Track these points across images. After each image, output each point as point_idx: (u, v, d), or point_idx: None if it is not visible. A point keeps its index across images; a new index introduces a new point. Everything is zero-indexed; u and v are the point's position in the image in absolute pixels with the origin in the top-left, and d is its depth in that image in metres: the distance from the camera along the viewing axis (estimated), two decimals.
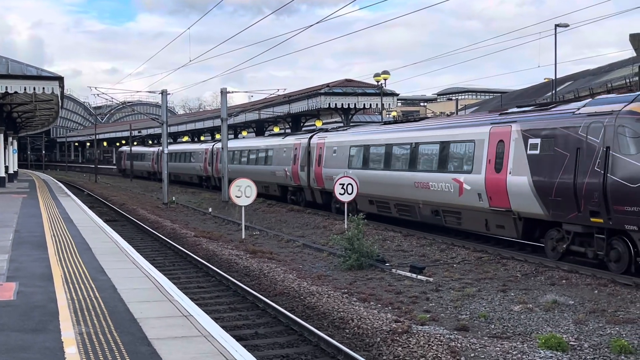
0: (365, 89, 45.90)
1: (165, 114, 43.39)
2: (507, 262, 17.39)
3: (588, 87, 42.75)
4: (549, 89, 46.15)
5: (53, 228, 20.09)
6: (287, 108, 49.80)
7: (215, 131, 66.20)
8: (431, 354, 9.83)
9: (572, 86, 46.86)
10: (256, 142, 44.78)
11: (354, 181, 24.21)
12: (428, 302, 13.54)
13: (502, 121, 18.83)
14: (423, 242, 21.36)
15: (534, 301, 13.11)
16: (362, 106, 46.31)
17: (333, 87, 45.61)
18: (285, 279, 15.89)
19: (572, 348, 10.07)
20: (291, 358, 10.33)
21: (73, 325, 8.49)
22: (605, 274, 15.08)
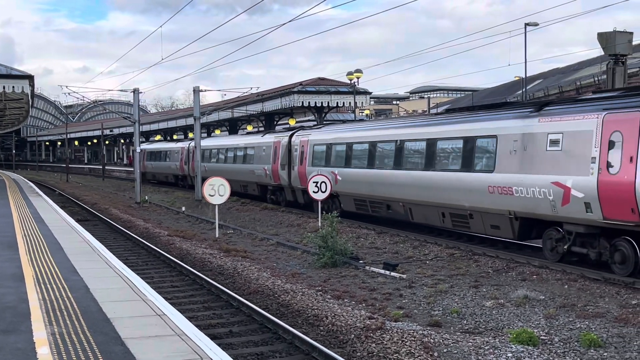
0: (338, 87, 45.95)
1: (138, 113, 43.09)
2: (479, 258, 17.53)
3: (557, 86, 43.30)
4: (519, 87, 46.59)
5: (24, 228, 19.83)
6: (260, 106, 49.65)
7: (188, 130, 65.82)
8: (405, 349, 9.88)
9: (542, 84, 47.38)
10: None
11: (328, 179, 24.17)
12: (401, 298, 13.62)
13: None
14: (396, 239, 21.46)
15: (505, 296, 13.23)
16: (335, 104, 46.35)
17: (306, 86, 45.60)
18: (260, 277, 15.86)
19: (542, 342, 10.19)
20: (266, 356, 10.31)
21: (45, 326, 8.39)
22: (575, 269, 15.26)
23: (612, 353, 9.62)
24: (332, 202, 26.58)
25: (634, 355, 9.49)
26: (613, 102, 14.83)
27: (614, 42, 22.30)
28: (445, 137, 20.24)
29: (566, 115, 15.54)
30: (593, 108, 14.94)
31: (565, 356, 9.56)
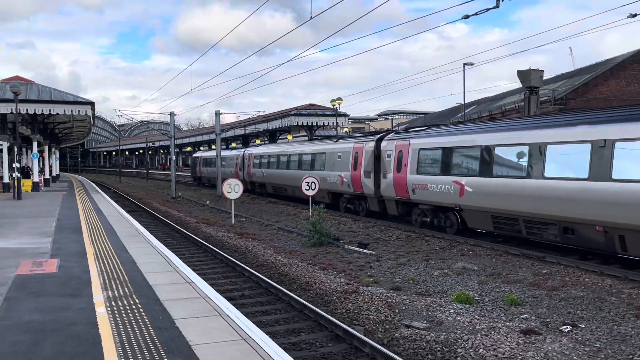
0: (324, 111, 45.89)
1: (173, 130, 42.82)
2: (429, 239, 17.53)
3: (488, 110, 43.36)
4: (459, 111, 46.70)
5: (87, 217, 19.67)
6: (265, 125, 49.55)
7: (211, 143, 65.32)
8: (373, 307, 9.89)
9: (477, 109, 47.39)
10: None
11: (316, 179, 23.99)
12: (371, 269, 13.61)
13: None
14: (367, 224, 21.43)
15: (449, 267, 13.25)
16: (322, 124, 46.31)
17: (300, 110, 45.54)
18: (265, 253, 15.81)
19: (476, 301, 10.23)
20: (269, 312, 10.29)
21: (102, 291, 8.34)
22: (501, 247, 15.28)
23: (528, 309, 9.66)
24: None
25: (543, 310, 9.54)
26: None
27: (529, 77, 22.40)
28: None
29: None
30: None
31: (492, 312, 9.59)
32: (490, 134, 15.83)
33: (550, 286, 11.01)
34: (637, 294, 10.32)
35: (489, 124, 17.57)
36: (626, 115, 12.10)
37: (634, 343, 7.77)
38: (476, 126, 17.77)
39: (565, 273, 12.19)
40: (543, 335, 8.13)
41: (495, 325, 8.62)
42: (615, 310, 9.33)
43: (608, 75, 36.23)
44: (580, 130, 12.79)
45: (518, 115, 30.82)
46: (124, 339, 6.10)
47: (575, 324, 8.69)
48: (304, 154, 29.84)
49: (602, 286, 11.00)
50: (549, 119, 14.72)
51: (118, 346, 5.88)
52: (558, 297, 10.24)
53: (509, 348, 7.54)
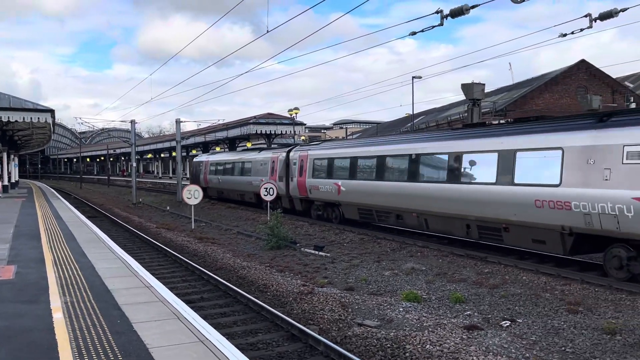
0: (282, 120, 45.88)
1: (134, 137, 41.86)
2: (381, 241, 17.69)
3: (435, 120, 44.30)
4: (409, 121, 47.49)
5: (46, 223, 18.95)
6: (225, 133, 49.09)
7: (172, 150, 64.04)
8: (328, 307, 9.90)
9: (425, 119, 48.35)
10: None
11: (274, 185, 24.03)
12: (326, 270, 13.61)
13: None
14: (323, 228, 21.46)
15: (399, 268, 13.38)
16: (280, 132, 46.23)
17: (259, 119, 45.35)
18: (224, 257, 15.60)
19: (424, 300, 10.37)
20: (227, 314, 10.15)
21: (60, 297, 8.03)
22: (447, 248, 15.59)
23: (471, 306, 9.87)
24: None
25: (485, 307, 9.76)
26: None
27: (472, 90, 23.00)
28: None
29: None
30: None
31: (439, 309, 9.75)
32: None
33: (492, 284, 11.28)
34: (568, 290, 10.70)
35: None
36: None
37: (566, 336, 8.04)
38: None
39: (505, 272, 12.52)
40: (485, 331, 8.31)
41: (441, 322, 8.76)
42: (549, 305, 9.64)
43: (543, 89, 37.63)
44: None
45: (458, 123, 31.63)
46: (80, 344, 5.89)
47: (513, 319, 8.92)
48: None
49: (538, 283, 11.35)
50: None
51: (75, 351, 5.67)
52: (498, 294, 10.51)
53: (453, 343, 7.68)
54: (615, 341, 7.70)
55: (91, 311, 7.22)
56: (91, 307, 7.44)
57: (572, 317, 8.90)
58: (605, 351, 7.37)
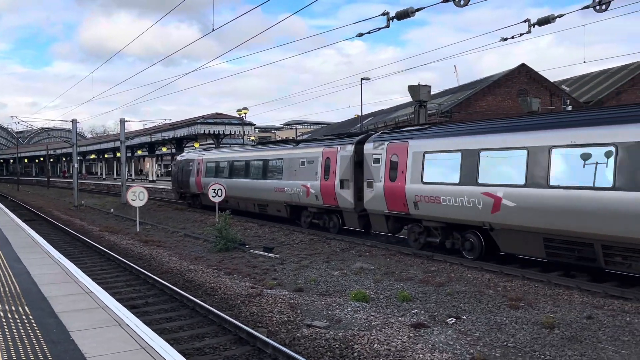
0: (230, 120, 45.41)
1: (75, 137, 40.31)
2: (330, 241, 17.74)
3: (383, 121, 44.93)
4: (357, 122, 47.99)
5: None
6: (172, 133, 48.09)
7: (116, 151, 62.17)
8: (277, 309, 9.81)
9: (373, 120, 48.96)
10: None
11: (223, 187, 23.33)
12: (276, 272, 13.52)
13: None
14: (273, 229, 21.34)
15: (348, 268, 13.45)
16: (229, 132, 45.69)
17: (207, 119, 44.71)
18: (170, 260, 15.23)
19: (372, 299, 10.45)
20: (173, 319, 9.88)
21: None
22: (395, 247, 15.79)
23: (418, 304, 10.02)
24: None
25: (432, 305, 9.94)
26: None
27: (418, 92, 23.48)
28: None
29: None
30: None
31: (387, 308, 9.85)
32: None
33: (438, 282, 11.51)
34: (510, 286, 11.05)
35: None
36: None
37: (508, 331, 8.28)
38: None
39: (450, 270, 12.81)
40: (431, 328, 8.45)
41: (389, 321, 8.85)
42: (492, 302, 9.92)
43: (486, 92, 38.85)
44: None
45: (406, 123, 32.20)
46: (12, 355, 5.56)
47: (458, 316, 9.12)
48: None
49: (482, 280, 11.67)
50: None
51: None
52: (444, 292, 10.72)
53: (400, 342, 7.76)
54: (553, 335, 8.00)
55: (25, 320, 6.84)
56: (25, 315, 7.06)
57: (513, 312, 9.19)
58: (545, 345, 7.64)
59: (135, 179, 69.80)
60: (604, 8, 9.56)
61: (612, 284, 10.88)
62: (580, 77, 49.24)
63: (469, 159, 12.69)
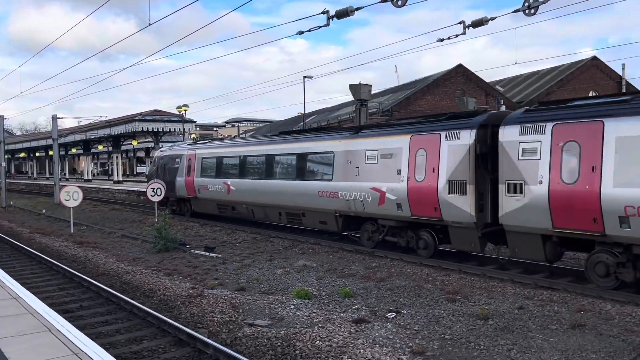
0: (170, 117, 44.34)
1: (2, 134, 38.12)
2: (273, 240, 17.70)
3: (326, 119, 45.22)
4: (301, 120, 48.06)
5: None
6: (108, 131, 46.44)
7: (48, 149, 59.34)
8: (218, 309, 9.69)
9: (316, 118, 49.20)
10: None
11: (162, 185, 22.19)
12: (217, 272, 13.34)
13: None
14: (215, 229, 21.04)
15: (291, 266, 13.45)
16: (168, 130, 44.62)
17: (145, 115, 43.48)
18: (106, 262, 14.71)
19: (315, 296, 10.51)
20: (110, 322, 9.55)
21: None
22: (337, 244, 15.93)
23: (359, 300, 10.17)
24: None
25: (372, 300, 10.11)
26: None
27: (359, 91, 23.78)
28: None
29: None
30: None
31: (329, 305, 9.93)
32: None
33: (379, 278, 11.72)
34: (448, 280, 11.41)
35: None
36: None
37: (445, 323, 8.55)
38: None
39: (391, 265, 13.07)
40: (372, 323, 8.60)
41: (330, 317, 8.92)
42: (431, 295, 10.21)
43: (425, 91, 39.89)
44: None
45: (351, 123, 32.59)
46: None
47: (398, 310, 9.32)
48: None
49: (421, 275, 11.98)
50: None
51: None
52: (385, 287, 10.93)
53: (342, 337, 7.85)
54: (488, 326, 8.32)
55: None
56: None
57: (450, 305, 9.49)
58: (479, 335, 7.93)
59: (69, 179, 66.96)
60: (533, 12, 10.05)
61: (542, 276, 11.46)
62: (513, 78, 51.45)
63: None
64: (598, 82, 44.06)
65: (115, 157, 52.37)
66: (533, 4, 9.94)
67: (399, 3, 9.85)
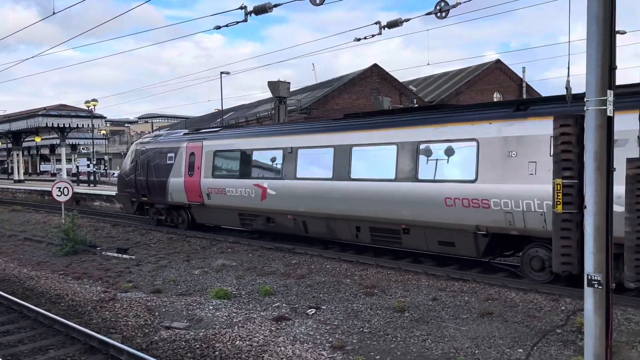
0: (78, 112, 41.90)
1: None
2: (191, 239, 17.26)
3: (244, 116, 44.76)
4: (218, 117, 47.22)
5: None
6: (7, 126, 43.09)
7: None
8: (132, 313, 9.30)
9: (234, 115, 48.54)
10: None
11: (69, 185, 20.09)
12: (131, 274, 12.80)
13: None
14: (128, 229, 20.16)
15: (209, 266, 13.19)
16: (75, 126, 42.15)
17: (50, 110, 40.74)
18: (7, 267, 13.65)
19: (234, 296, 10.37)
20: (11, 332, 8.86)
21: None
22: (257, 242, 15.82)
23: (280, 298, 10.16)
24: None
25: (293, 297, 10.13)
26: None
27: (278, 88, 23.77)
28: None
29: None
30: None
31: (249, 304, 9.83)
32: None
33: (299, 274, 11.77)
34: (366, 275, 11.68)
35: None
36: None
37: (364, 317, 8.74)
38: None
39: (311, 262, 13.18)
40: (292, 320, 8.62)
41: (251, 317, 8.85)
42: (349, 290, 10.40)
43: (342, 90, 40.59)
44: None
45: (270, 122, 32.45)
46: None
47: (318, 306, 9.42)
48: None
49: (340, 270, 12.18)
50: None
51: None
52: (305, 284, 11.00)
53: (262, 336, 7.80)
54: (404, 318, 8.61)
55: None
56: None
57: (369, 299, 9.72)
58: (396, 328, 8.19)
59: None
60: (444, 15, 10.52)
61: (454, 268, 12.04)
62: (425, 78, 53.62)
63: None
64: (502, 84, 46.98)
65: (16, 154, 48.80)
66: (444, 7, 10.42)
67: (317, 1, 9.93)
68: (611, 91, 4.75)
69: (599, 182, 4.74)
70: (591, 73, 4.76)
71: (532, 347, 7.12)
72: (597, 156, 4.74)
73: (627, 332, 7.59)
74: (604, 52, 4.73)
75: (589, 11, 4.77)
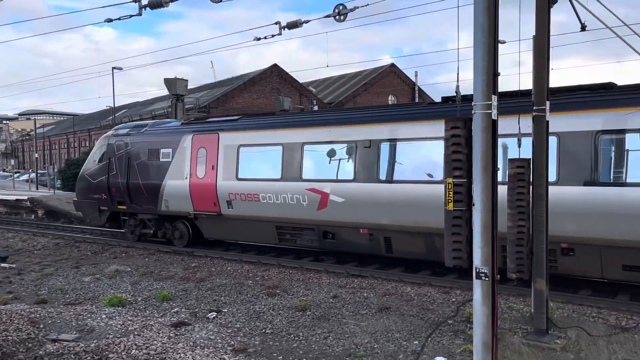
0: None
1: None
2: (80, 244, 16.23)
3: (138, 114, 42.86)
4: (110, 114, 44.77)
5: None
6: None
7: None
8: (13, 326, 8.48)
9: (127, 112, 46.31)
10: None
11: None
12: (11, 284, 11.72)
13: None
14: (7, 235, 18.49)
15: (101, 272, 12.47)
16: None
17: None
18: None
19: (129, 303, 9.87)
20: None
21: None
22: (153, 246, 15.20)
23: (179, 302, 9.82)
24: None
25: (192, 302, 9.84)
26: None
27: (175, 85, 23.02)
28: None
29: None
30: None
31: (145, 310, 9.41)
32: None
33: (199, 278, 11.47)
34: (268, 275, 11.65)
35: None
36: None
37: (266, 318, 8.70)
38: None
39: (211, 264, 12.89)
40: (192, 325, 8.36)
41: (148, 324, 8.45)
42: (251, 292, 10.30)
43: (242, 89, 40.21)
44: None
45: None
46: None
47: (219, 309, 9.23)
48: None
49: (242, 272, 12.04)
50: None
51: None
52: (205, 287, 10.73)
53: (160, 343, 7.49)
54: (306, 316, 8.68)
55: None
56: None
57: (271, 300, 9.69)
58: (299, 327, 8.24)
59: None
60: (342, 19, 10.76)
61: (353, 265, 12.35)
62: (324, 80, 54.60)
63: None
64: (396, 87, 49.09)
65: None
66: (342, 10, 10.66)
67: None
68: (495, 96, 5.11)
69: (485, 181, 5.08)
70: (478, 79, 5.09)
71: (426, 339, 7.49)
72: (484, 156, 5.07)
73: (510, 319, 8.23)
74: (489, 60, 5.07)
75: (476, 21, 5.09)
